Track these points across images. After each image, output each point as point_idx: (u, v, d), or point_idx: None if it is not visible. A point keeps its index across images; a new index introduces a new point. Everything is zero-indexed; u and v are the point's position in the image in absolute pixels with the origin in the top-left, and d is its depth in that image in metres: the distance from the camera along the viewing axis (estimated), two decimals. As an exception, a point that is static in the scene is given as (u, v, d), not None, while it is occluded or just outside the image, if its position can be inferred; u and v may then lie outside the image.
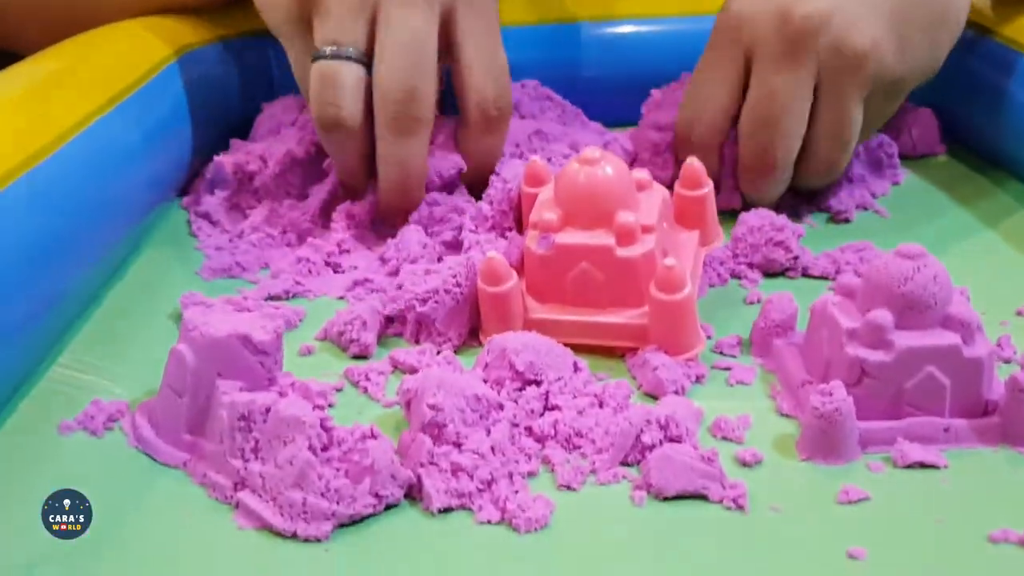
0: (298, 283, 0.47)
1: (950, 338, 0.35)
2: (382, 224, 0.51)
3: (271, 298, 0.46)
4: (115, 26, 0.55)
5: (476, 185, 0.50)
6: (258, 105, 0.60)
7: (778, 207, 0.50)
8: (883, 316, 0.35)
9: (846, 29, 0.47)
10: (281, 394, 0.34)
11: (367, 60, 0.47)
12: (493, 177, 0.48)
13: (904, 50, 0.49)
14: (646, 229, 0.41)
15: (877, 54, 0.47)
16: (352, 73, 0.47)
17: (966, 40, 0.55)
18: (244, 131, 0.58)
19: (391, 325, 0.43)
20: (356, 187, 0.51)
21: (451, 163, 0.50)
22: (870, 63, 0.47)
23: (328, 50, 0.47)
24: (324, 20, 0.47)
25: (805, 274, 0.47)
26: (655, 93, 0.58)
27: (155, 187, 0.51)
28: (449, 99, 0.51)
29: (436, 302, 0.41)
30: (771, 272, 0.47)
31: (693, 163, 0.45)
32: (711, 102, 0.51)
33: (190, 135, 0.56)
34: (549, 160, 0.51)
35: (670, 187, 0.46)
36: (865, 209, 0.53)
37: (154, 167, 0.51)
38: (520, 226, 0.47)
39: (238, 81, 0.61)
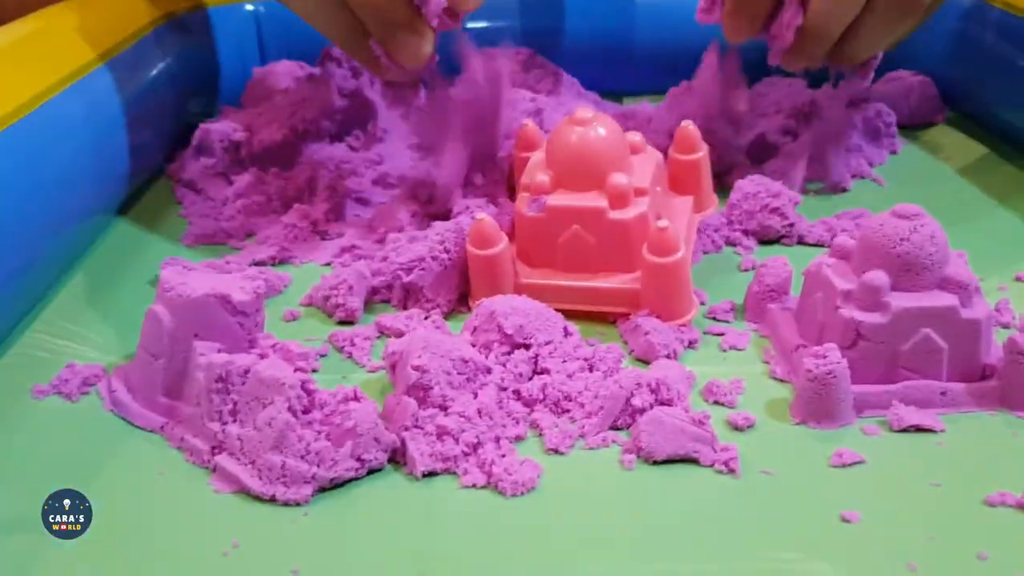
0: (284, 249, 0.46)
1: (947, 299, 0.34)
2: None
3: (256, 264, 0.45)
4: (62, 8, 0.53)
5: None
6: (249, 70, 0.59)
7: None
8: (878, 277, 0.34)
9: None
10: (261, 356, 0.34)
11: None
12: None
13: None
14: (639, 192, 0.40)
15: None
16: None
17: (966, 7, 0.54)
18: (236, 97, 0.58)
19: (379, 292, 0.42)
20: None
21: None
22: None
23: None
24: None
25: (800, 241, 0.46)
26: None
27: (139, 153, 0.50)
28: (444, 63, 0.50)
29: (423, 269, 0.41)
30: (766, 239, 0.46)
31: (688, 127, 0.44)
32: None
33: (176, 101, 0.55)
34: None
35: None
36: (862, 178, 0.53)
37: (138, 132, 0.50)
38: (513, 194, 0.46)
39: (228, 47, 0.60)
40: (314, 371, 0.37)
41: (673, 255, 0.38)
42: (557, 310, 0.39)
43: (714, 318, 0.40)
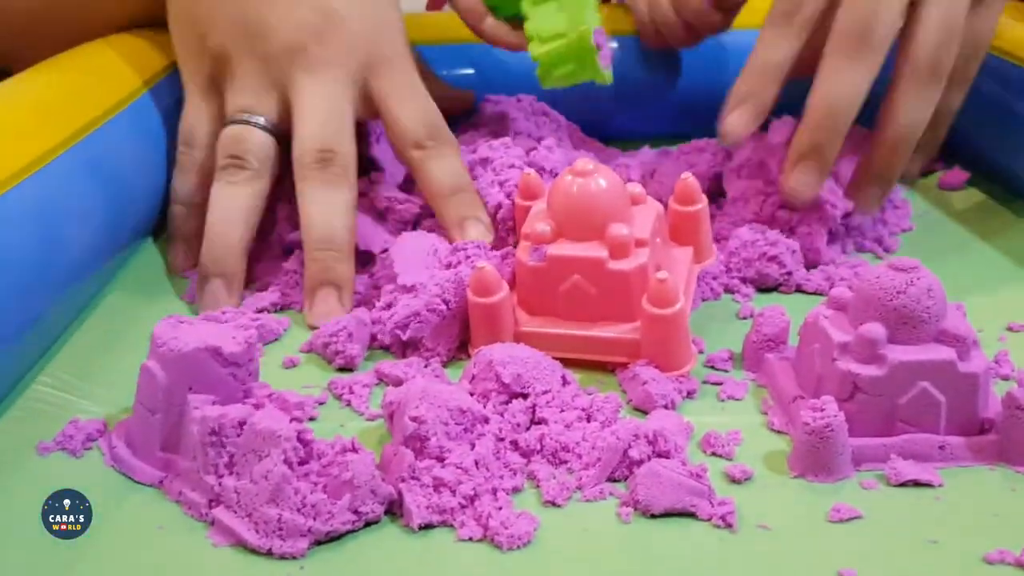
0: (285, 295, 0.46)
1: (945, 353, 0.34)
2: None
3: (258, 311, 0.45)
4: (97, 46, 0.54)
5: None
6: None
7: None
8: (875, 330, 0.34)
9: None
10: (257, 406, 0.34)
11: (278, 132, 0.47)
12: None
13: None
14: (639, 243, 0.40)
15: None
16: (261, 136, 0.47)
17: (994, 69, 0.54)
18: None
19: (378, 339, 0.43)
20: (228, 251, 0.46)
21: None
22: None
23: (239, 116, 0.47)
24: (236, 91, 0.47)
25: (799, 289, 0.46)
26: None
27: (143, 209, 0.50)
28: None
29: (420, 322, 0.41)
30: (764, 287, 0.46)
31: (688, 179, 0.44)
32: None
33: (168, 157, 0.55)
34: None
35: None
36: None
37: (143, 187, 0.50)
38: (514, 242, 0.47)
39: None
40: (312, 419, 0.37)
41: (672, 306, 0.38)
42: (557, 358, 0.39)
43: (712, 367, 0.40)
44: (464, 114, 0.62)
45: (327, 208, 0.45)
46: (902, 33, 0.46)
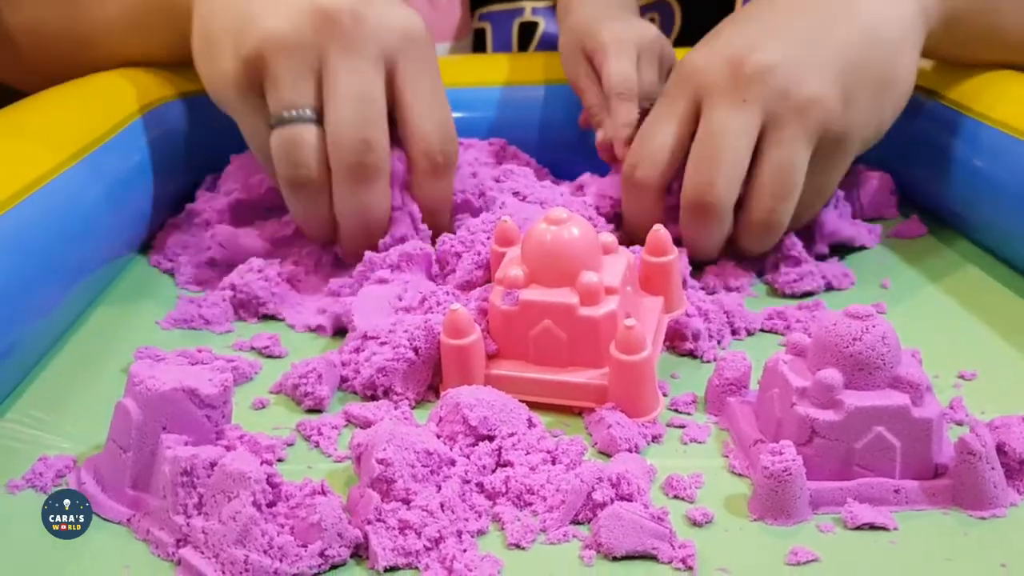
0: (269, 338, 0.47)
1: (899, 399, 0.35)
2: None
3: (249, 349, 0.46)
4: (87, 80, 0.55)
5: (432, 230, 0.52)
6: (227, 157, 0.60)
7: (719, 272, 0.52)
8: (832, 376, 0.35)
9: (795, 77, 0.48)
10: (228, 448, 0.34)
11: (320, 117, 0.48)
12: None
13: (850, 106, 0.49)
14: (609, 290, 0.41)
15: (824, 103, 0.48)
16: (311, 133, 0.48)
17: (914, 103, 0.56)
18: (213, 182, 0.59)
19: (347, 380, 0.43)
20: (325, 238, 0.52)
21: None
22: (816, 109, 0.48)
23: (287, 114, 0.48)
24: (275, 87, 0.48)
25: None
26: None
27: (117, 240, 0.51)
28: None
29: (387, 373, 0.41)
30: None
31: (659, 231, 0.45)
32: (657, 140, 0.51)
33: (153, 189, 0.56)
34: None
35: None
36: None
37: (117, 220, 0.50)
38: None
39: (206, 134, 0.61)
40: (280, 461, 0.38)
41: (639, 353, 0.39)
42: (525, 402, 0.40)
43: (676, 410, 0.41)
44: None
45: (364, 201, 0.49)
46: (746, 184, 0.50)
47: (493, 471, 0.37)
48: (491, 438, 0.37)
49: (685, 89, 0.51)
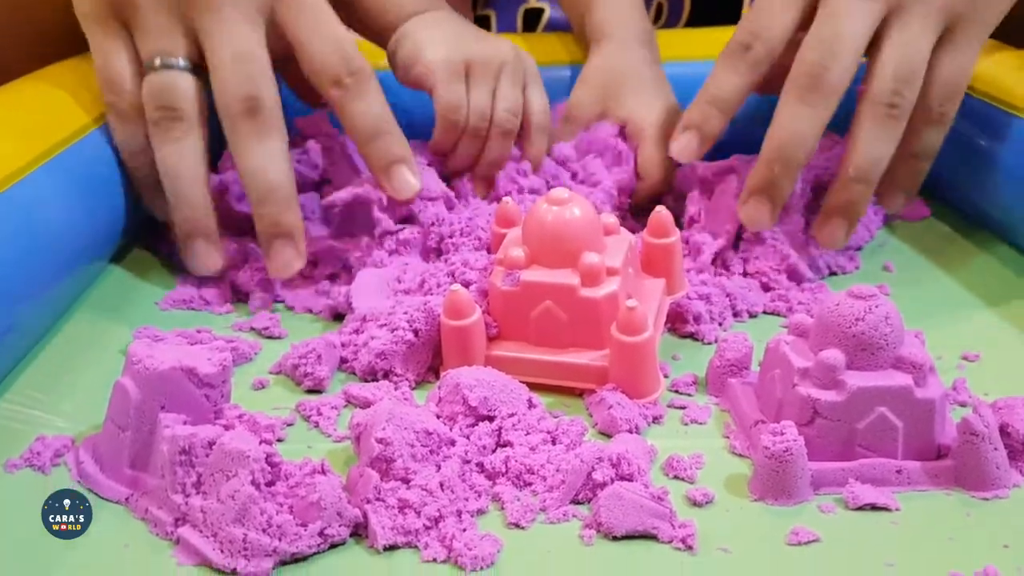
0: (269, 319, 0.47)
1: (902, 379, 0.35)
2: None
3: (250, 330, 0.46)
4: (81, 60, 0.54)
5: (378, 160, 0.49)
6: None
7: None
8: (834, 356, 0.35)
9: None
10: (227, 427, 0.34)
11: (195, 68, 0.47)
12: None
13: None
14: (611, 271, 0.41)
15: None
16: (187, 80, 0.47)
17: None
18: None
19: (347, 361, 0.43)
20: (195, 210, 0.48)
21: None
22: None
23: (158, 61, 0.47)
24: (144, 34, 0.47)
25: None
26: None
27: (115, 222, 0.50)
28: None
29: (386, 357, 0.41)
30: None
31: (661, 212, 0.45)
32: (778, 18, 0.48)
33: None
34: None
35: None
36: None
37: (117, 202, 0.50)
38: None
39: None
40: (279, 441, 0.38)
41: (641, 335, 0.39)
42: (526, 383, 0.40)
43: (677, 391, 0.41)
44: None
45: (262, 161, 0.46)
46: (866, 70, 0.47)
47: (493, 451, 0.36)
48: (491, 418, 0.37)
49: None
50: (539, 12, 0.74)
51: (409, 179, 0.49)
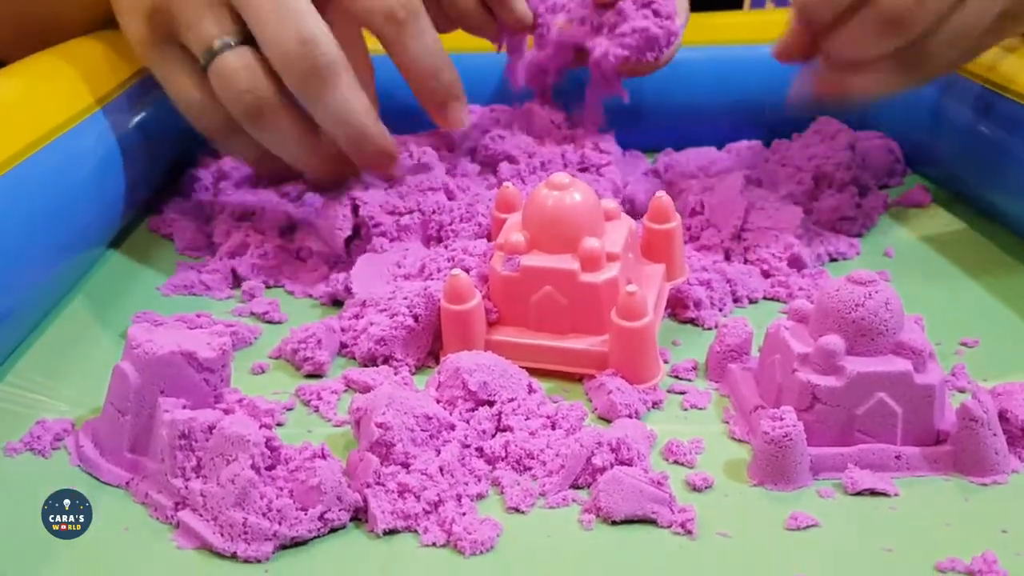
0: (269, 303, 0.47)
1: (901, 365, 0.35)
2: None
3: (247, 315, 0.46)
4: (80, 42, 0.54)
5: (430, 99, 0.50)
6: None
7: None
8: (834, 341, 0.35)
9: None
10: (227, 412, 0.34)
11: (250, 41, 0.45)
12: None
13: None
14: (611, 257, 0.41)
15: None
16: (247, 55, 0.45)
17: (962, 89, 0.55)
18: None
19: (347, 346, 0.43)
20: (288, 172, 0.49)
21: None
22: None
23: (216, 45, 0.45)
24: (189, 29, 0.46)
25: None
26: None
27: (116, 205, 0.50)
28: None
29: (386, 343, 0.41)
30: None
31: (662, 198, 0.45)
32: None
33: (156, 151, 0.55)
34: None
35: None
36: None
37: (116, 184, 0.50)
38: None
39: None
40: (279, 425, 0.38)
41: (641, 320, 0.39)
42: (526, 368, 0.40)
43: (677, 376, 0.41)
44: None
45: (344, 115, 0.45)
46: None
47: (493, 436, 0.36)
48: (491, 403, 0.37)
49: None
50: None
51: (462, 116, 0.50)
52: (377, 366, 0.42)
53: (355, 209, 0.49)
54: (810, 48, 0.48)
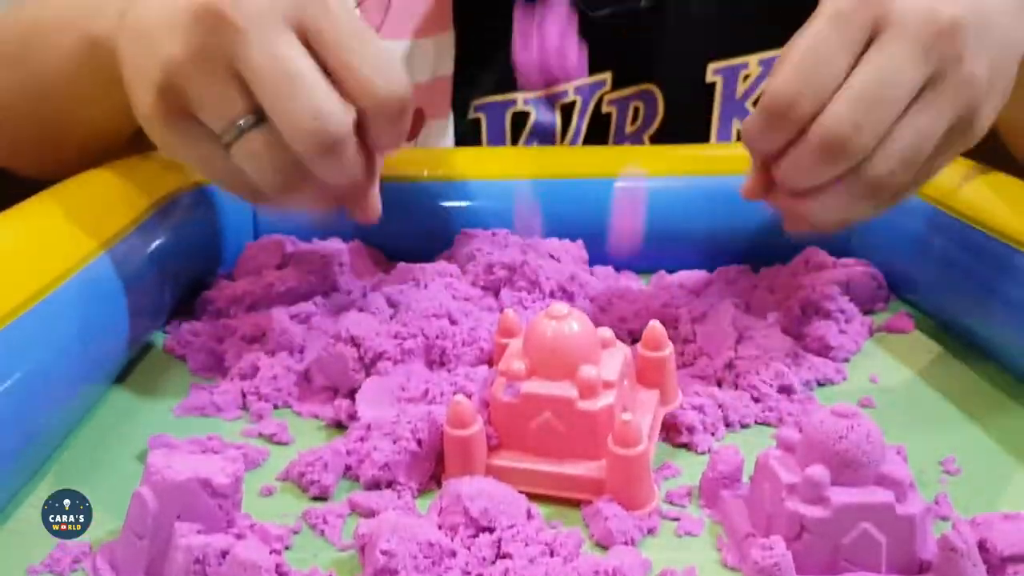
0: (277, 425, 0.48)
1: (883, 496, 0.36)
2: None
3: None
4: (96, 174, 0.57)
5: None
6: (241, 244, 0.62)
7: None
8: (820, 472, 0.36)
9: (973, 49, 0.44)
10: (239, 536, 0.35)
11: (264, 115, 0.45)
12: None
13: (992, 94, 0.46)
14: (607, 384, 0.43)
15: (983, 86, 0.45)
16: (265, 136, 0.45)
17: (945, 226, 0.57)
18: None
19: (352, 469, 0.44)
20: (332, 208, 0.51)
21: None
22: (978, 89, 0.45)
23: (234, 128, 0.45)
24: (204, 109, 0.45)
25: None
26: None
27: (133, 331, 0.53)
28: None
29: (390, 468, 0.43)
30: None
31: (655, 326, 0.47)
32: (830, 76, 0.44)
33: (174, 275, 0.58)
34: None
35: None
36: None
37: (134, 310, 0.52)
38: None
39: (220, 222, 0.64)
40: (287, 548, 0.39)
41: (636, 447, 0.40)
42: (525, 492, 0.41)
43: (671, 502, 0.43)
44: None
45: (346, 179, 0.47)
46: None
47: (493, 562, 0.38)
48: (491, 529, 0.39)
49: (867, 14, 0.44)
50: (526, 115, 0.78)
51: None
52: (381, 490, 0.43)
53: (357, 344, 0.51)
54: (771, 184, 0.49)
